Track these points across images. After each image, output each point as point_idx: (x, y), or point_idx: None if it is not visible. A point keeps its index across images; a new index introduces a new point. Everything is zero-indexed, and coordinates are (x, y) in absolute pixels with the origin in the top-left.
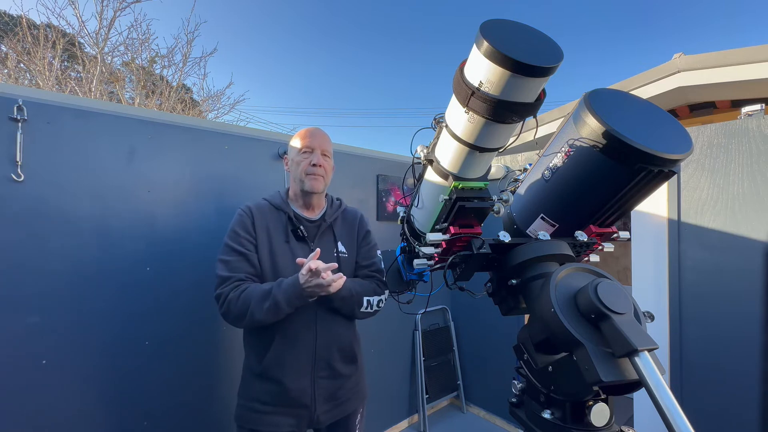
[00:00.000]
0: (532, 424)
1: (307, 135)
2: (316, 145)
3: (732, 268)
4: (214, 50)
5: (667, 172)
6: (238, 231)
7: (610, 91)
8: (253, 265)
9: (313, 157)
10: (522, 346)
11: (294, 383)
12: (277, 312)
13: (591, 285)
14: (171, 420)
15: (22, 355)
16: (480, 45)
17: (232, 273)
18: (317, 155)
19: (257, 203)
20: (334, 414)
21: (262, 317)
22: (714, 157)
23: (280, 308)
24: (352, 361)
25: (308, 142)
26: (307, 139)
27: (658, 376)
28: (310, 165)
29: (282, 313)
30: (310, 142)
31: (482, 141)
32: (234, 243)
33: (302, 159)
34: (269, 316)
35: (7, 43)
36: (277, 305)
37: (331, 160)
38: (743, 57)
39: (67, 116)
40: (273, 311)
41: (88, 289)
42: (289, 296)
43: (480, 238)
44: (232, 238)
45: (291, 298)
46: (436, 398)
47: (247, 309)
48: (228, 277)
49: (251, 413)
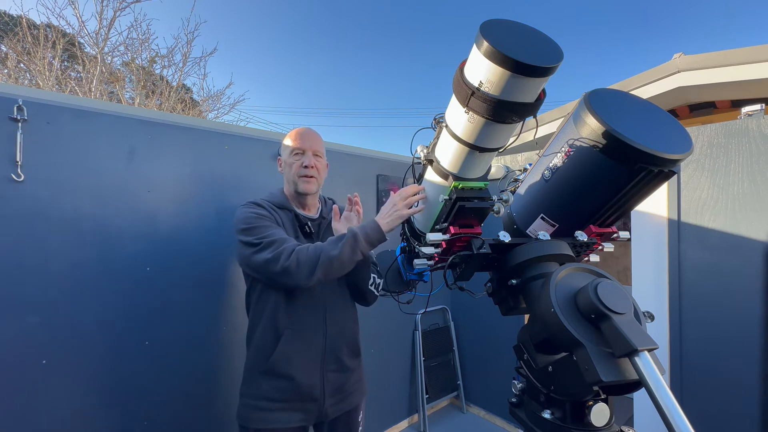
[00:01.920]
0: (532, 424)
1: (298, 136)
2: (308, 146)
3: (732, 268)
4: (214, 50)
5: (667, 172)
6: (254, 212)
7: (610, 91)
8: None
9: (305, 158)
10: (522, 346)
11: (305, 378)
12: (355, 246)
13: (591, 285)
14: (171, 420)
15: (22, 355)
16: (480, 45)
17: (283, 236)
18: (309, 156)
19: (262, 199)
20: (341, 407)
21: (338, 253)
22: (714, 157)
23: (358, 241)
24: (356, 354)
25: (299, 144)
26: (298, 140)
27: (658, 376)
28: (302, 167)
29: (358, 248)
30: (301, 143)
31: (482, 141)
32: (256, 221)
33: (294, 161)
34: (346, 250)
35: (7, 43)
36: (354, 237)
37: (323, 160)
38: (743, 57)
39: (67, 116)
40: (350, 245)
41: (88, 289)
42: (365, 229)
43: (480, 238)
44: (250, 220)
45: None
46: (436, 398)
47: (320, 252)
48: (280, 239)
49: (257, 412)
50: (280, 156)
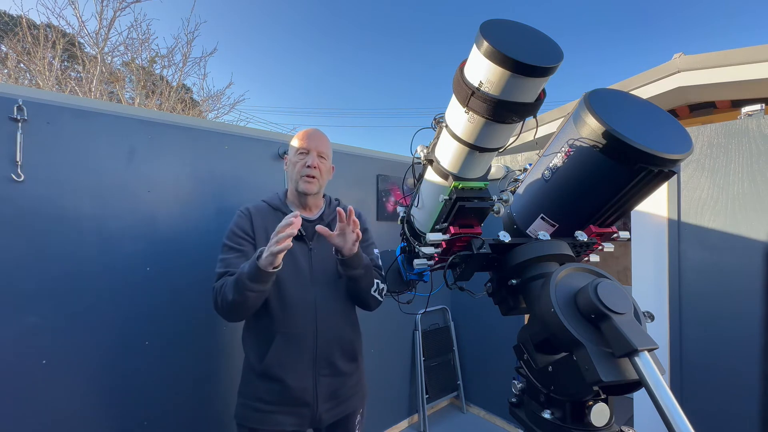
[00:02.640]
0: (532, 424)
1: (305, 136)
2: (312, 146)
3: (732, 268)
4: (214, 50)
5: (667, 172)
6: (235, 230)
7: (610, 91)
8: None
9: (308, 158)
10: (522, 346)
11: (296, 382)
12: (242, 290)
13: (591, 285)
14: (171, 420)
15: (22, 355)
16: (480, 45)
17: (226, 268)
18: (312, 156)
19: (256, 205)
20: (336, 413)
21: (234, 298)
22: (714, 157)
23: (243, 285)
24: (353, 359)
25: (305, 144)
26: (304, 140)
27: (658, 376)
28: (304, 166)
29: (247, 288)
30: (307, 143)
31: (482, 141)
32: (230, 241)
33: (298, 160)
34: (237, 295)
35: (7, 43)
36: (240, 283)
37: (328, 162)
38: (743, 57)
39: (67, 116)
40: (238, 288)
41: (88, 289)
42: (251, 271)
43: (480, 238)
44: (230, 238)
45: (252, 272)
46: (436, 398)
47: (225, 298)
48: (222, 273)
49: (253, 412)
50: (287, 155)
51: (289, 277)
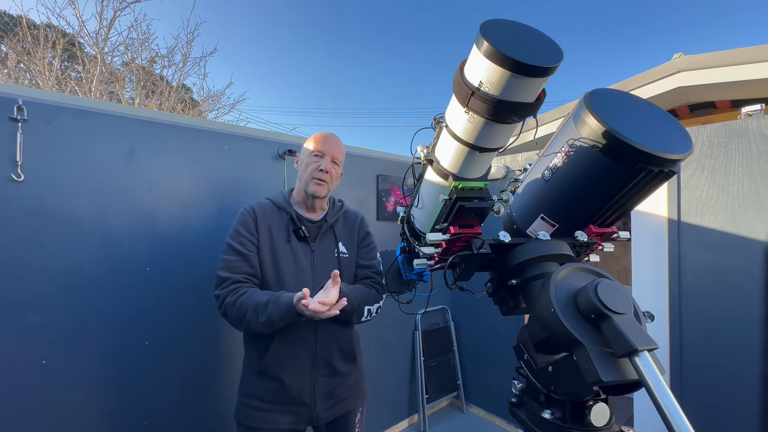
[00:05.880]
0: (532, 424)
1: (322, 139)
2: (328, 150)
3: (732, 268)
4: (214, 50)
5: (667, 172)
6: (240, 230)
7: (610, 91)
8: (252, 266)
9: (323, 162)
10: (522, 346)
11: (294, 381)
12: (272, 327)
13: (591, 285)
14: (171, 419)
15: (22, 355)
16: (480, 45)
17: (230, 274)
18: (327, 161)
19: (260, 202)
20: (334, 411)
21: (260, 329)
22: (714, 157)
23: (275, 325)
24: (351, 359)
25: (321, 147)
26: (320, 143)
27: (658, 376)
28: (317, 170)
29: (276, 327)
30: (323, 147)
31: (482, 141)
32: (235, 242)
33: (311, 162)
34: (266, 329)
35: (7, 43)
36: (271, 323)
37: (339, 168)
38: (743, 57)
39: (67, 116)
40: (268, 326)
41: (88, 289)
42: (283, 316)
43: (480, 238)
44: (234, 238)
45: (285, 317)
46: (436, 398)
47: (244, 317)
48: (226, 278)
49: (251, 410)
50: (298, 153)
51: (291, 277)
